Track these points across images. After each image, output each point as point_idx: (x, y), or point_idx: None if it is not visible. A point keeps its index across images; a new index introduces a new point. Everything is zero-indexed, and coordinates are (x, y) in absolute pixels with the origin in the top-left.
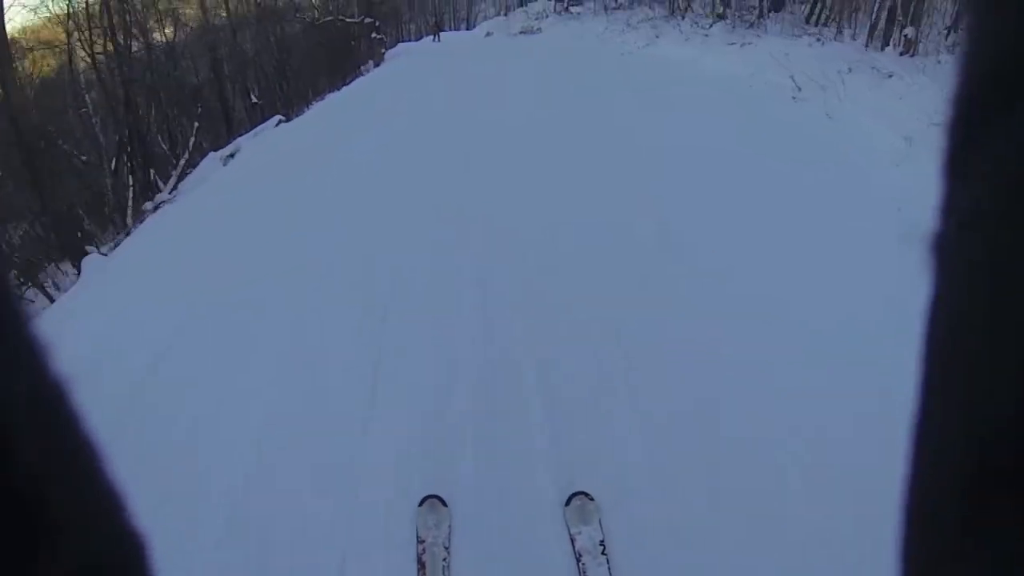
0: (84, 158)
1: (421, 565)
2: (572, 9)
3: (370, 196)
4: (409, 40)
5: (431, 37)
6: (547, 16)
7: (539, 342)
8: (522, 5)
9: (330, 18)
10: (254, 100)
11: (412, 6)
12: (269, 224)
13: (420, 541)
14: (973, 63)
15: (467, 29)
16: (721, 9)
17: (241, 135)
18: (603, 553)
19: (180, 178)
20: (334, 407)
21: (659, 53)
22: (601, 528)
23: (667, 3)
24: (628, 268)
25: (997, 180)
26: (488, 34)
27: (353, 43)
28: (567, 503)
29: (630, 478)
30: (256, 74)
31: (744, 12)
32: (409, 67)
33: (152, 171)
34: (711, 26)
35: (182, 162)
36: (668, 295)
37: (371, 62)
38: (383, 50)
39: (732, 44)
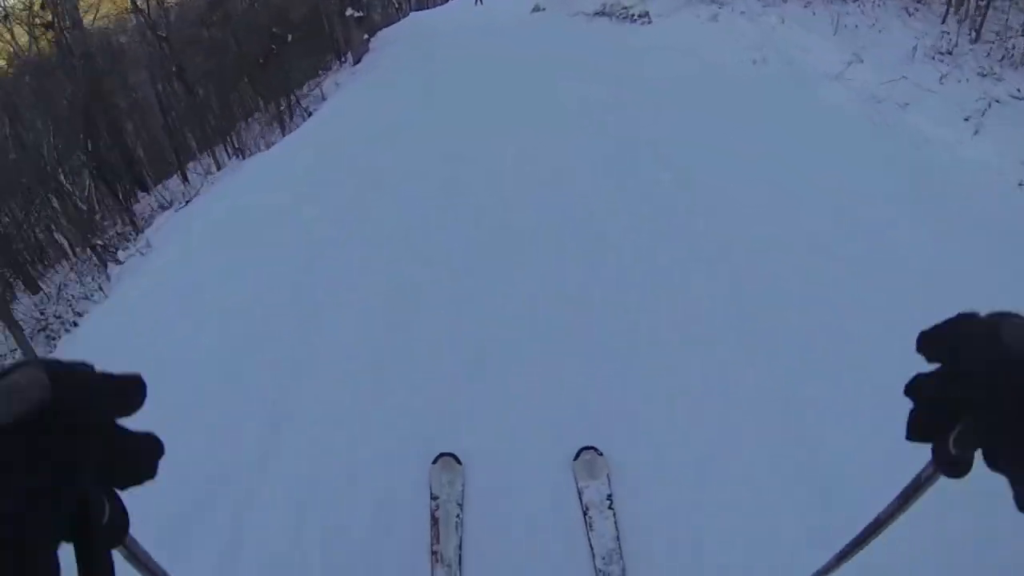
0: None
1: (434, 521)
2: None
3: None
4: (428, 6)
5: None
6: None
7: None
8: None
9: None
10: None
11: None
12: None
13: (434, 498)
14: None
15: None
16: None
17: None
18: (610, 507)
19: None
20: None
21: None
22: (609, 483)
23: None
24: None
25: None
26: (537, 9)
27: (289, 38)
28: (576, 457)
29: None
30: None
31: None
32: (387, 90)
33: None
34: None
35: None
36: None
37: (346, 59)
38: (366, 35)
39: None
